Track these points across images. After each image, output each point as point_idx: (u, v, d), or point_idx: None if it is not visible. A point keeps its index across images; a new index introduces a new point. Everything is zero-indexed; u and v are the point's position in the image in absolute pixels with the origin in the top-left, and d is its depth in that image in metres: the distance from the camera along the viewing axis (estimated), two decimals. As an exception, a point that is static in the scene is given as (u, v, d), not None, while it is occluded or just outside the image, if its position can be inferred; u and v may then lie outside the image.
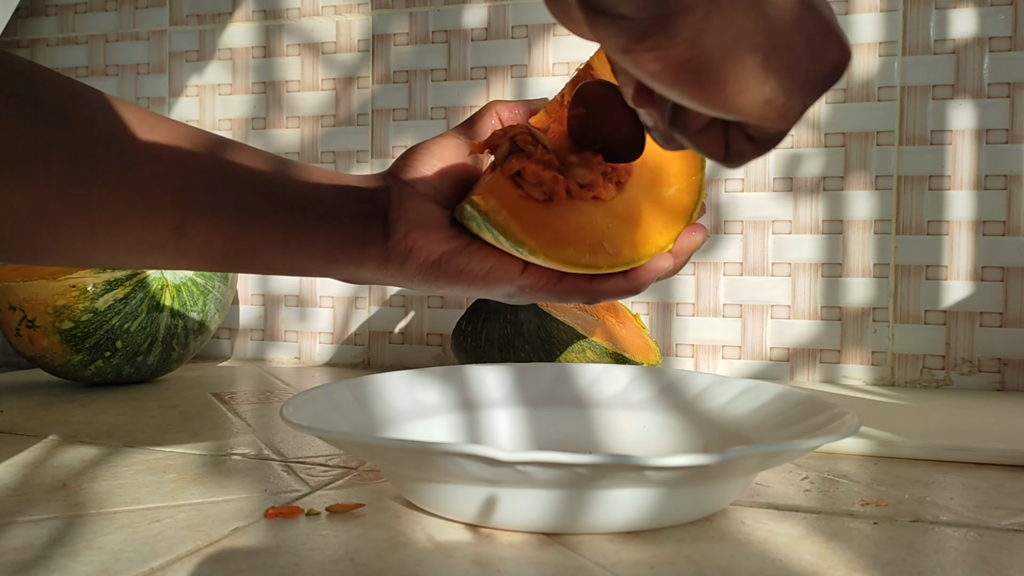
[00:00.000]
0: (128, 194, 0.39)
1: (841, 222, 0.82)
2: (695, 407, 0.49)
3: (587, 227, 0.43)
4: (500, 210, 0.42)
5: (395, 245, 0.44)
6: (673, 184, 0.45)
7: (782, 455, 0.36)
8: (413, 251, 0.44)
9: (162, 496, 0.43)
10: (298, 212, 0.43)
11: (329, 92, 0.98)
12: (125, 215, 0.39)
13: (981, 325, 0.79)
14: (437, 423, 0.49)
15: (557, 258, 0.42)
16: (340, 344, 0.98)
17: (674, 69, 0.25)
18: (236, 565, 0.33)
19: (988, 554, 0.36)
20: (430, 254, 0.44)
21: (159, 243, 0.41)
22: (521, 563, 0.34)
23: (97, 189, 0.38)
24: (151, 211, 0.40)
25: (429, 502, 0.39)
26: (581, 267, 0.42)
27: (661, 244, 0.44)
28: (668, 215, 0.45)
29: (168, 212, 0.40)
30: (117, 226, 0.39)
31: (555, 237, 0.42)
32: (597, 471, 0.33)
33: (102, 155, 0.38)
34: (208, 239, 0.41)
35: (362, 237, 0.44)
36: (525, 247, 0.42)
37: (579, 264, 0.42)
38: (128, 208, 0.39)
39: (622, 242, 0.44)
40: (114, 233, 0.40)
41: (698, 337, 0.86)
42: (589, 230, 0.43)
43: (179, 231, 0.41)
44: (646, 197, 0.45)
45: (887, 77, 0.81)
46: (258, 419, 0.64)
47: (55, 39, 1.09)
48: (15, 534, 0.37)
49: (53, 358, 0.76)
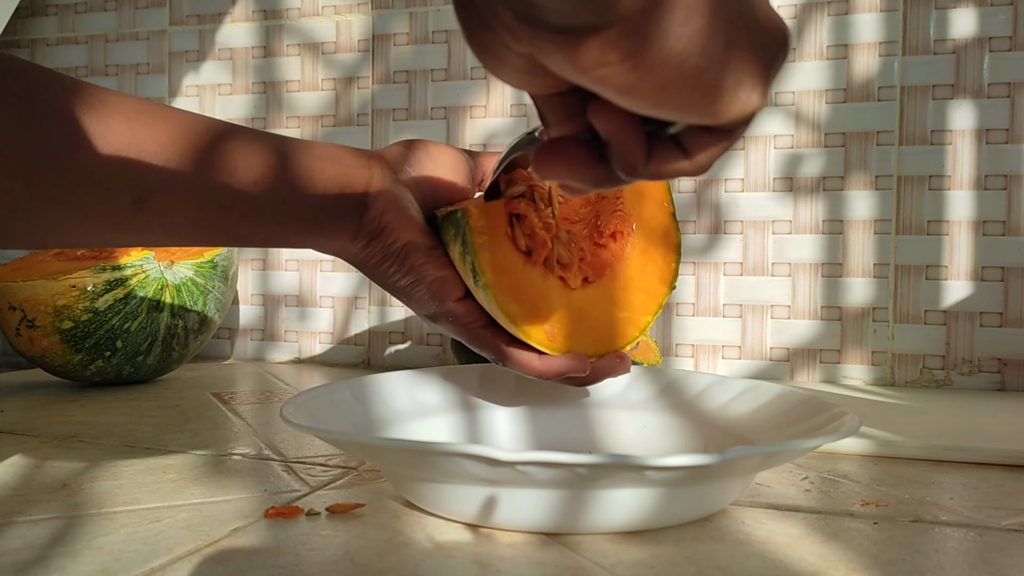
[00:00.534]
0: (81, 172, 0.39)
1: (841, 222, 0.82)
2: (695, 407, 0.49)
3: (543, 299, 0.44)
4: (484, 233, 0.43)
5: (370, 221, 0.44)
6: (627, 310, 0.45)
7: (782, 455, 0.36)
8: (384, 231, 0.44)
9: (162, 496, 0.43)
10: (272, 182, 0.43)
11: (329, 92, 0.98)
12: (81, 193, 0.39)
13: (981, 325, 0.79)
14: (437, 423, 0.49)
15: (502, 305, 0.42)
16: (340, 344, 0.98)
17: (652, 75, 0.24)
18: (236, 565, 0.33)
19: (988, 554, 0.36)
20: (398, 239, 0.44)
21: (119, 219, 0.41)
22: (521, 563, 0.34)
23: (51, 168, 0.38)
24: (108, 188, 0.39)
25: (429, 502, 0.39)
26: (513, 326, 0.43)
27: (588, 352, 0.44)
28: (610, 332, 0.45)
29: (126, 188, 0.40)
30: (75, 204, 0.39)
31: (513, 288, 0.43)
32: (597, 471, 0.33)
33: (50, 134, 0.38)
34: (169, 214, 0.41)
35: (337, 209, 0.44)
36: (483, 278, 0.42)
37: (514, 322, 0.43)
38: (83, 186, 0.39)
39: (560, 329, 0.44)
40: (73, 211, 0.39)
41: (698, 337, 0.86)
42: (543, 302, 0.44)
43: (138, 206, 0.40)
44: (601, 306, 0.45)
45: (887, 77, 0.81)
46: (258, 419, 0.64)
47: (55, 39, 1.09)
48: (15, 534, 0.37)
49: (53, 358, 0.76)
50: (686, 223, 0.86)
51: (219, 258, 0.83)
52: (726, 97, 0.25)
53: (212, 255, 0.82)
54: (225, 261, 0.84)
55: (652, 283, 0.45)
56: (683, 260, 0.86)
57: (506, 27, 0.24)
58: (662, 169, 0.29)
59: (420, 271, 0.45)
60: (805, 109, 0.83)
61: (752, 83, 0.26)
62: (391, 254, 0.45)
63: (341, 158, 0.45)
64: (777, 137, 0.84)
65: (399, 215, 0.44)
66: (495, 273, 0.42)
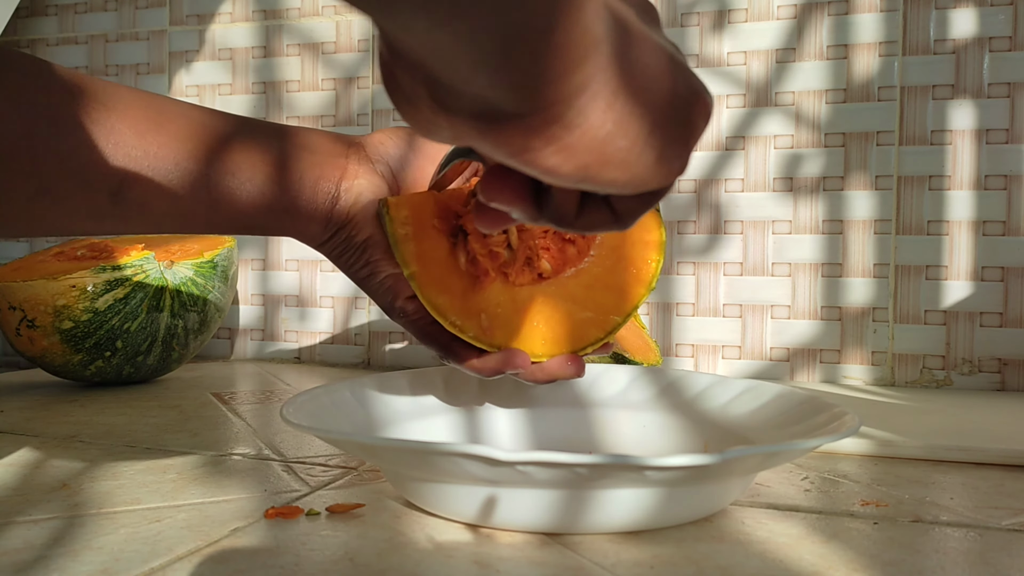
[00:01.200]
0: (60, 162, 0.39)
1: (841, 222, 0.82)
2: (695, 407, 0.49)
3: (478, 292, 0.42)
4: (407, 224, 0.41)
5: (338, 214, 0.45)
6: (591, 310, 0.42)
7: (782, 455, 0.36)
8: (349, 224, 0.45)
9: (162, 496, 0.43)
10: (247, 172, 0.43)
11: (329, 92, 0.98)
12: (60, 183, 0.39)
13: (981, 325, 0.79)
14: (437, 423, 0.49)
15: (429, 296, 0.41)
16: (340, 344, 0.98)
17: (576, 158, 0.24)
18: (236, 565, 0.33)
19: (988, 554, 0.36)
20: (360, 233, 0.45)
21: (97, 209, 0.41)
22: (521, 563, 0.34)
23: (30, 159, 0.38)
24: (85, 178, 0.39)
25: (429, 502, 0.39)
26: (442, 318, 0.41)
27: (537, 351, 0.42)
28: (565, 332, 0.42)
29: (103, 178, 0.40)
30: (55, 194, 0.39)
31: (441, 280, 0.41)
32: (597, 471, 0.33)
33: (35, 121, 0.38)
34: (146, 204, 0.41)
35: (311, 201, 0.44)
36: (407, 269, 0.41)
37: (442, 315, 0.41)
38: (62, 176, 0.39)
39: (500, 325, 0.42)
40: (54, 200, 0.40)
41: (698, 337, 0.86)
42: (478, 296, 0.42)
43: (116, 196, 0.40)
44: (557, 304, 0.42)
45: (887, 77, 0.81)
46: (258, 419, 0.64)
47: (55, 39, 1.09)
48: (15, 534, 0.37)
49: (53, 358, 0.76)
50: (686, 223, 0.86)
51: (219, 258, 0.83)
52: (650, 172, 0.26)
53: (212, 255, 0.82)
54: (225, 261, 0.84)
55: (625, 282, 0.42)
56: (683, 260, 0.86)
57: (429, 109, 0.24)
58: (590, 225, 0.30)
59: (376, 266, 0.45)
60: (805, 109, 0.83)
61: (675, 154, 0.26)
62: (352, 247, 0.45)
63: (319, 146, 0.45)
64: (777, 137, 0.84)
65: (366, 210, 0.44)
66: (420, 264, 0.41)
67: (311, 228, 0.45)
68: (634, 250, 0.43)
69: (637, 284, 0.43)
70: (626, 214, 0.30)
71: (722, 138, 0.85)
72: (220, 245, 0.85)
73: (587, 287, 0.43)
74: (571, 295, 0.43)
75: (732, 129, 0.85)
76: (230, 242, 0.86)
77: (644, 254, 0.43)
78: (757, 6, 0.84)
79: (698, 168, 0.86)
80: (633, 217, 0.30)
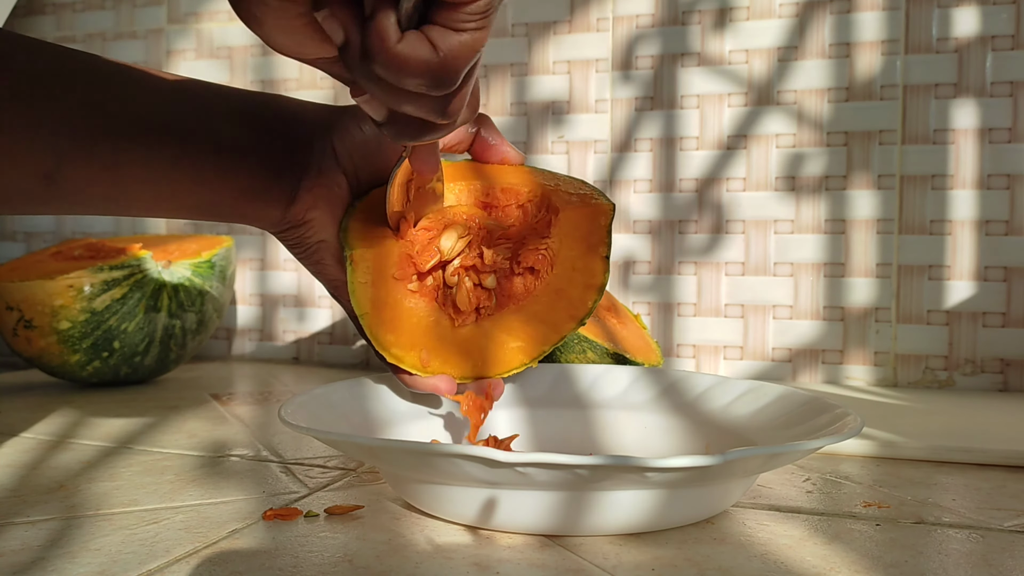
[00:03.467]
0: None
1: (843, 222, 0.82)
2: (697, 408, 0.49)
3: (424, 333, 0.45)
4: (368, 274, 0.44)
5: (294, 215, 0.45)
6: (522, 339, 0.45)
7: (784, 456, 0.36)
8: (305, 224, 0.45)
9: (160, 497, 0.43)
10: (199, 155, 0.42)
11: (328, 91, 0.98)
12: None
13: (984, 325, 0.79)
14: (436, 424, 0.49)
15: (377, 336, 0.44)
16: (339, 344, 0.98)
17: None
18: (234, 567, 0.33)
19: (991, 556, 0.35)
20: (315, 235, 0.45)
21: (30, 192, 0.40)
22: (521, 565, 0.33)
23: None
24: (17, 158, 0.38)
25: (428, 504, 0.39)
26: (386, 353, 0.44)
27: (466, 374, 0.45)
28: (491, 359, 0.45)
29: (38, 159, 0.38)
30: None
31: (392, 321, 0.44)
32: (598, 472, 0.32)
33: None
34: (82, 188, 0.40)
35: (266, 194, 0.44)
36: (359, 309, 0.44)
37: (386, 350, 0.44)
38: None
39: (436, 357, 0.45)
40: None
41: (700, 337, 0.86)
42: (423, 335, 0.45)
43: (50, 179, 0.39)
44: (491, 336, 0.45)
45: (889, 76, 0.81)
46: (256, 420, 0.64)
47: (53, 37, 1.08)
48: (12, 535, 0.37)
49: (50, 358, 0.76)
50: (687, 223, 0.86)
51: (217, 258, 0.83)
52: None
53: (210, 255, 0.82)
54: (223, 261, 0.84)
55: (559, 319, 0.45)
56: (685, 260, 0.86)
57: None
58: (409, 53, 0.28)
59: (323, 267, 0.46)
60: (807, 108, 0.83)
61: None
62: (304, 245, 0.46)
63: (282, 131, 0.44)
64: (779, 136, 0.83)
65: (323, 213, 0.45)
66: (373, 308, 0.44)
67: (260, 223, 0.45)
68: (576, 291, 0.46)
69: (569, 320, 0.46)
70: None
71: (724, 137, 0.85)
72: (218, 245, 0.85)
73: (523, 322, 0.46)
74: (506, 327, 0.46)
75: (734, 128, 0.84)
76: (228, 242, 0.86)
77: (584, 295, 0.46)
78: (759, 4, 0.84)
79: (700, 167, 0.85)
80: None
